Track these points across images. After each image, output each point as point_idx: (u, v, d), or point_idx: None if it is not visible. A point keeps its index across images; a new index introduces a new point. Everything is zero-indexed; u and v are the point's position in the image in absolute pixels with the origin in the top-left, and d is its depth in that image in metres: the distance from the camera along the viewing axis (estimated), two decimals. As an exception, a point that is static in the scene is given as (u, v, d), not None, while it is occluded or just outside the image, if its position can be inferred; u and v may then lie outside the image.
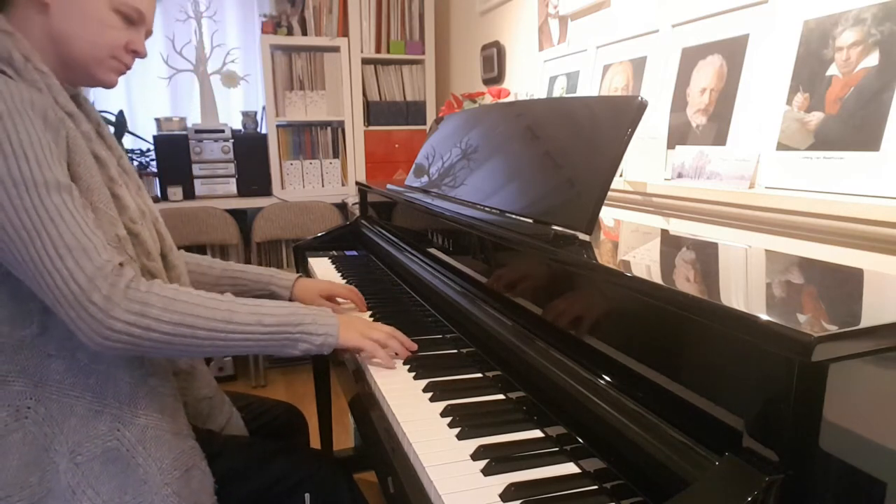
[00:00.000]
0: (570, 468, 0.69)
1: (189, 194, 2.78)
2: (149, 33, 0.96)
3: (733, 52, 1.15)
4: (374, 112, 2.96)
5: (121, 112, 2.81)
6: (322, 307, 0.96)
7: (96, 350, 0.78)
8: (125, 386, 0.86)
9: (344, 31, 2.86)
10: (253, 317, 0.85)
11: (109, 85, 0.94)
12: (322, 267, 1.69)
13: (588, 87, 1.58)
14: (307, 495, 0.97)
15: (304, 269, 1.79)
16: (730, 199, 1.04)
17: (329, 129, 2.97)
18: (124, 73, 0.95)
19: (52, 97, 0.83)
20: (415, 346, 1.01)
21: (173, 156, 2.73)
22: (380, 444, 0.79)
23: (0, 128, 0.73)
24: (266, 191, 2.89)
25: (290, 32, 2.81)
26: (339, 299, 1.26)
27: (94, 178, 0.84)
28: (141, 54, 0.94)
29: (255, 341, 0.85)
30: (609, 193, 0.84)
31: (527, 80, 2.16)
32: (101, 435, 0.83)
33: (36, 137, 0.75)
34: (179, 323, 0.78)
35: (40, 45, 0.85)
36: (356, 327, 0.97)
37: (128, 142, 2.92)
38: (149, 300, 0.77)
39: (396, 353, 0.99)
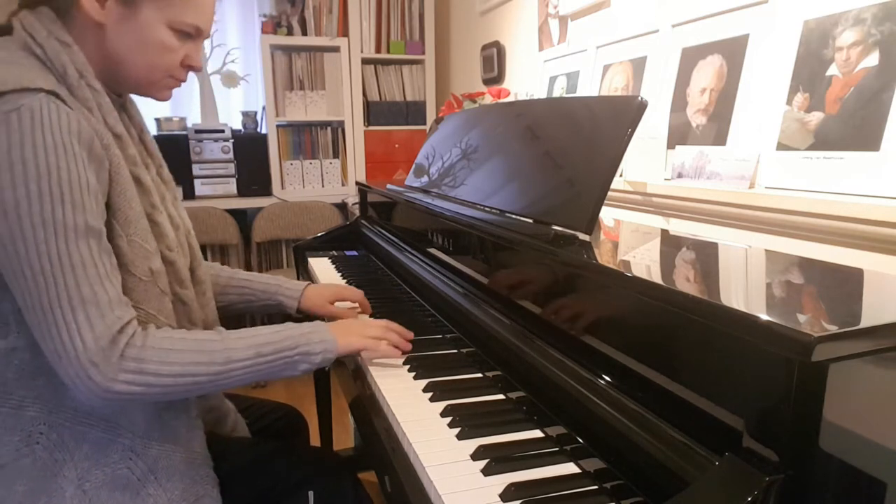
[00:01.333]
0: (570, 468, 0.69)
1: (189, 194, 2.78)
2: (206, 37, 0.91)
3: (733, 52, 1.15)
4: (374, 112, 2.96)
5: (121, 112, 2.81)
6: (316, 322, 0.95)
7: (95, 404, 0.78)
8: (140, 418, 0.85)
9: (344, 31, 2.86)
10: (251, 350, 0.84)
11: (162, 100, 0.92)
12: (322, 267, 1.69)
13: (588, 87, 1.58)
14: (311, 493, 0.97)
15: (303, 269, 1.79)
16: (730, 199, 1.04)
17: (329, 129, 2.97)
18: (178, 87, 0.92)
19: (102, 117, 0.81)
20: (411, 335, 1.02)
21: (173, 156, 2.70)
22: (380, 444, 0.79)
23: (43, 162, 0.70)
24: (266, 191, 2.89)
25: (290, 32, 2.81)
26: (349, 303, 1.24)
27: (132, 210, 0.82)
28: (196, 68, 0.91)
29: (255, 372, 0.85)
30: (609, 193, 0.84)
31: (527, 80, 2.16)
32: (111, 463, 0.82)
33: (76, 175, 0.73)
34: (179, 374, 0.78)
35: (94, 61, 0.82)
36: (353, 330, 0.97)
37: (128, 142, 2.92)
38: (144, 356, 0.75)
39: (397, 346, 0.99)
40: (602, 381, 0.70)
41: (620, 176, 1.35)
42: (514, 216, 0.98)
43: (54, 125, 0.72)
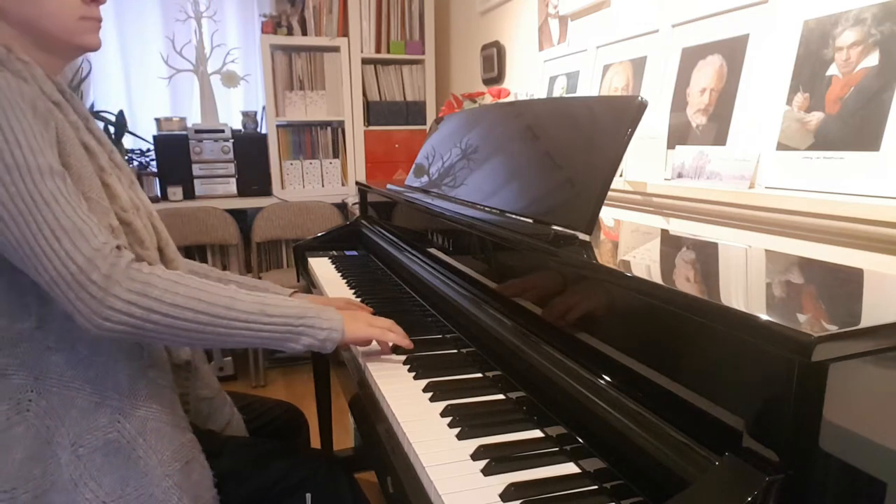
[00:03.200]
0: (570, 468, 0.69)
1: (189, 194, 2.77)
2: None
3: (733, 52, 1.15)
4: (374, 112, 2.96)
5: (121, 112, 2.81)
6: (327, 305, 0.96)
7: (95, 333, 0.76)
8: (125, 378, 0.86)
9: (344, 31, 2.86)
10: (256, 306, 0.84)
11: (94, 47, 0.92)
12: (322, 267, 1.69)
13: (588, 87, 1.58)
14: (308, 495, 0.97)
15: (303, 269, 1.79)
16: (730, 199, 1.04)
17: (329, 129, 2.97)
18: (100, 27, 0.92)
19: (38, 87, 0.83)
20: (411, 346, 1.01)
21: (173, 156, 2.72)
22: (380, 444, 0.79)
23: None
24: (266, 191, 2.89)
25: (290, 32, 2.81)
26: None
27: (84, 168, 0.83)
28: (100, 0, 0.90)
29: (256, 331, 0.84)
30: (609, 193, 0.84)
31: (527, 80, 2.16)
32: (101, 427, 0.83)
33: (27, 125, 0.75)
34: (181, 305, 0.78)
35: (13, 38, 0.84)
36: (360, 318, 0.97)
37: (128, 142, 2.92)
38: (151, 280, 0.76)
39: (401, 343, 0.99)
40: (602, 381, 0.70)
41: (620, 176, 1.35)
42: (514, 216, 0.98)
43: None
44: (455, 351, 1.03)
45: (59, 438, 0.82)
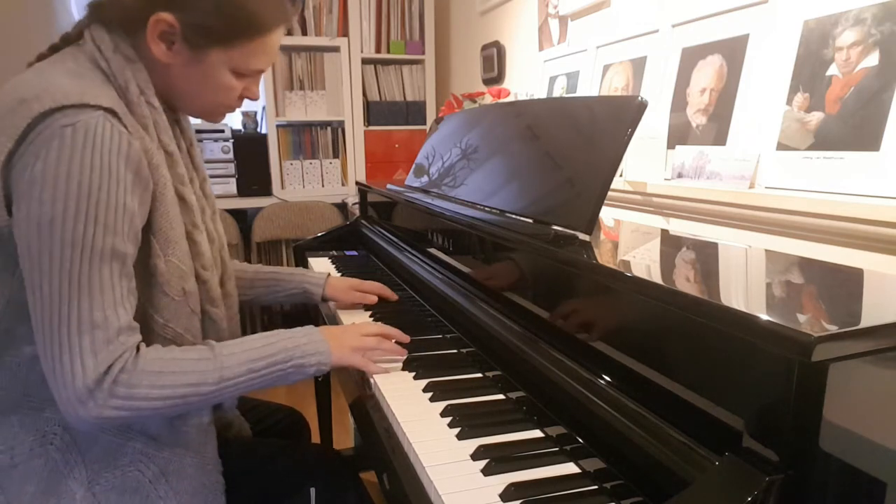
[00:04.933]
0: (570, 468, 0.69)
1: (189, 194, 2.77)
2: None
3: (733, 52, 1.15)
4: (374, 112, 2.96)
5: (121, 112, 2.81)
6: (308, 329, 0.93)
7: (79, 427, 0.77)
8: (153, 426, 0.85)
9: (344, 31, 2.86)
10: (243, 367, 0.83)
11: (214, 122, 0.97)
12: (322, 267, 1.69)
13: (588, 87, 1.58)
14: (312, 490, 0.97)
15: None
16: (730, 199, 1.04)
17: (329, 129, 2.97)
18: (232, 112, 0.95)
19: (157, 135, 0.83)
20: (407, 338, 1.01)
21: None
22: (380, 444, 0.79)
23: (86, 182, 0.71)
24: (266, 191, 2.89)
25: (289, 32, 2.81)
26: (368, 295, 1.28)
27: (174, 231, 0.83)
28: (254, 98, 0.94)
29: (248, 387, 0.85)
30: (609, 193, 0.84)
31: (527, 80, 2.16)
32: (122, 465, 0.83)
33: (114, 199, 0.73)
34: (169, 396, 0.77)
35: (157, 82, 0.85)
36: (347, 342, 0.94)
37: (128, 142, 2.92)
38: (134, 381, 0.74)
39: (393, 352, 0.98)
40: (602, 381, 0.70)
41: (620, 176, 1.35)
42: (514, 216, 0.98)
43: (105, 146, 0.72)
44: (455, 351, 1.03)
45: (77, 474, 0.81)
